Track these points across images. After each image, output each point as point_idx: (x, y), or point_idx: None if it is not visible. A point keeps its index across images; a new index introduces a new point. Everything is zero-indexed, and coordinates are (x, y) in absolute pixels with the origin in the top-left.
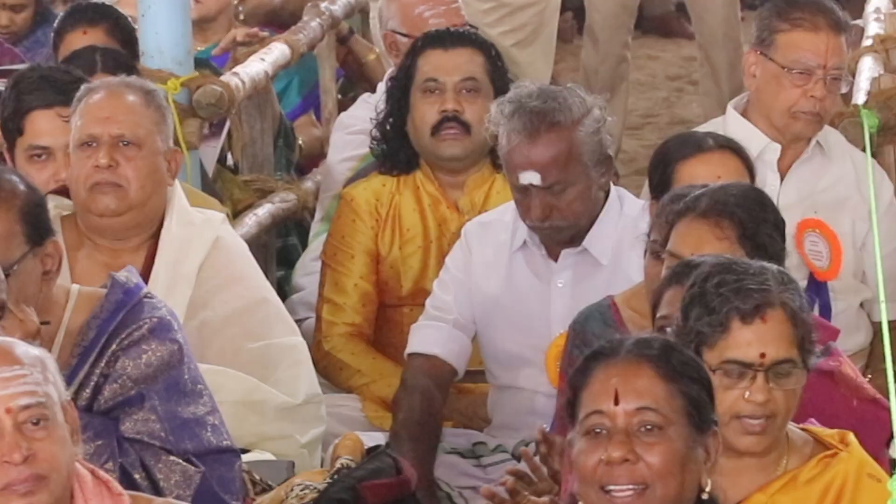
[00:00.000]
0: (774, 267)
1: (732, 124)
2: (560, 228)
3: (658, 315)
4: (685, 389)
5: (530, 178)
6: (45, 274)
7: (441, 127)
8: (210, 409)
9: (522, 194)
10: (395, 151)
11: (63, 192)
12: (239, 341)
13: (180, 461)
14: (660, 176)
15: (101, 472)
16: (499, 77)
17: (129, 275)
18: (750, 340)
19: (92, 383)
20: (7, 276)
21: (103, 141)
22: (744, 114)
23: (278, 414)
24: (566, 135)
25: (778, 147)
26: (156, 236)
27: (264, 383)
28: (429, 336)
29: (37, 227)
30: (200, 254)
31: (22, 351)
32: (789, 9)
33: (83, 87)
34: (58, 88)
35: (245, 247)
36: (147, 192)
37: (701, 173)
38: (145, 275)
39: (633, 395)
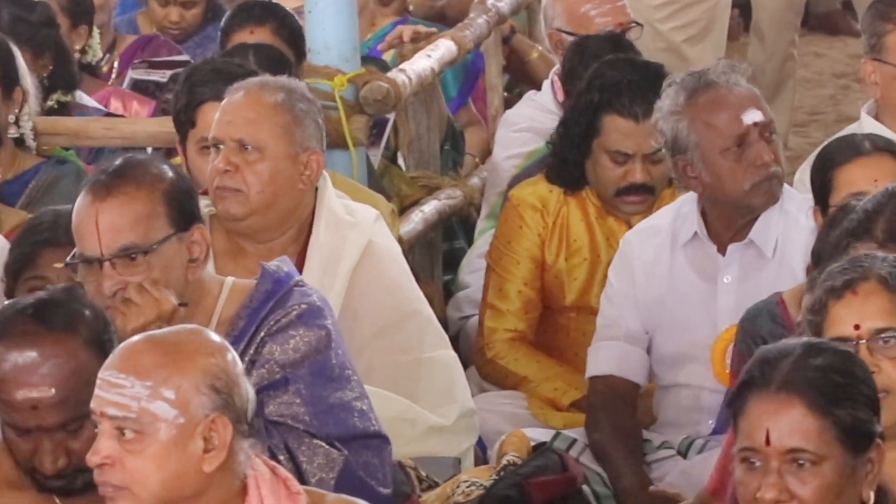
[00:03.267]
0: None
1: (868, 129)
2: (779, 180)
3: None
4: (839, 419)
5: (753, 116)
6: (192, 261)
7: (627, 191)
8: (358, 395)
9: (743, 147)
10: (566, 171)
11: None
12: (390, 354)
13: (323, 444)
14: (820, 181)
15: (282, 470)
16: None
17: (280, 264)
18: (843, 315)
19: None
20: (146, 254)
21: (226, 145)
22: (876, 118)
23: (430, 432)
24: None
25: None
26: (303, 239)
27: (415, 397)
28: (602, 357)
29: (182, 212)
30: (350, 262)
31: (148, 360)
32: (889, 9)
33: (232, 86)
34: (230, 81)
35: (398, 250)
36: (267, 197)
37: (858, 177)
38: None
39: (784, 435)
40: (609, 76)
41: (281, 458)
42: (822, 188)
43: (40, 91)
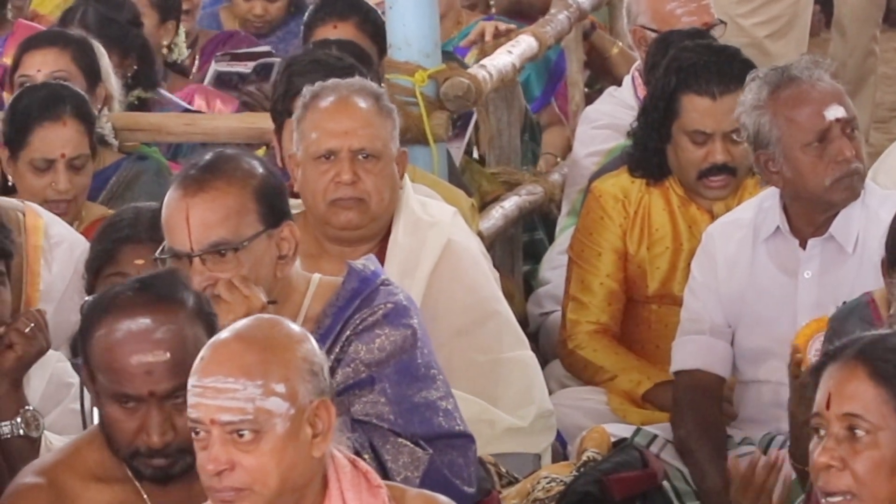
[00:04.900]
0: None
1: None
2: (861, 176)
3: None
4: None
5: (835, 111)
6: (281, 258)
7: (709, 173)
8: (443, 394)
9: (824, 142)
10: (648, 160)
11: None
12: (468, 354)
13: (408, 443)
14: None
15: (362, 463)
16: None
17: (366, 263)
18: None
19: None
20: (237, 250)
21: (343, 156)
22: None
23: (508, 433)
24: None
25: None
26: (383, 240)
27: (493, 398)
28: (688, 351)
29: (272, 209)
30: (429, 264)
31: (252, 359)
32: None
33: (306, 90)
34: (329, 72)
35: (476, 249)
36: (385, 202)
37: None
38: None
39: (842, 400)
40: (685, 59)
41: (366, 456)
42: None
43: (123, 88)
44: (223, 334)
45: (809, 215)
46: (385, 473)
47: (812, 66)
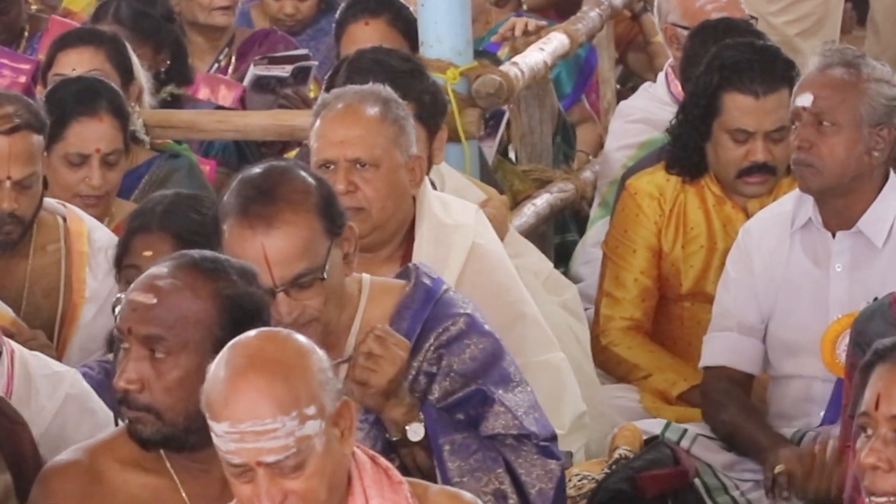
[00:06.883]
0: None
1: None
2: (814, 169)
3: None
4: None
5: (803, 100)
6: (346, 257)
7: (748, 172)
8: (534, 399)
9: (795, 125)
10: (687, 157)
11: None
12: None
13: (538, 455)
14: None
15: (382, 460)
16: None
17: (419, 265)
18: None
19: (411, 374)
20: (323, 280)
21: (340, 165)
22: None
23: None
24: (855, 79)
25: None
26: (405, 245)
27: None
28: (715, 347)
29: (333, 219)
30: (455, 269)
31: (280, 391)
32: None
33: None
34: (391, 74)
35: (502, 250)
36: (389, 210)
37: None
38: None
39: (892, 402)
40: (728, 56)
41: (499, 470)
42: None
43: (154, 85)
44: (236, 361)
45: (821, 200)
46: (520, 487)
47: (830, 55)
